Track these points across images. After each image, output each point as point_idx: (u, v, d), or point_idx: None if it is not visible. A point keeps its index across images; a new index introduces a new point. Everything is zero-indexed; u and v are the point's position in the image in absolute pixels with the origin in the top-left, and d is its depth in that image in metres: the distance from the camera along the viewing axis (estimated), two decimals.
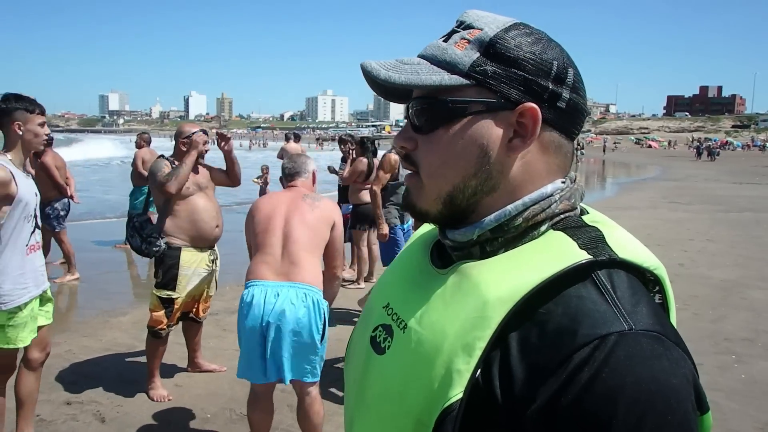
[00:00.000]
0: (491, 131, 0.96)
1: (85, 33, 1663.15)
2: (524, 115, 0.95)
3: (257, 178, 15.89)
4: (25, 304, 3.71)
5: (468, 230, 0.99)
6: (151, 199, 11.56)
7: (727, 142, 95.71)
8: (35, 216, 3.81)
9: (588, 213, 1.04)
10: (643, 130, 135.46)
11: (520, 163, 0.97)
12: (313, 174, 4.15)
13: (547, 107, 0.95)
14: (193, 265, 4.87)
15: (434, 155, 0.98)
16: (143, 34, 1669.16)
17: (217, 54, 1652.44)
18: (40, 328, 3.89)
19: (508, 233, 0.97)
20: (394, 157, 6.76)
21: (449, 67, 0.96)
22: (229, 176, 5.25)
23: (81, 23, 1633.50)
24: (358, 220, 8.33)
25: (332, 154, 38.37)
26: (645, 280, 0.94)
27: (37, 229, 3.84)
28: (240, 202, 16.62)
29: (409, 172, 1.04)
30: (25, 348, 3.89)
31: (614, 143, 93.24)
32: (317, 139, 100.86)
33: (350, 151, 9.01)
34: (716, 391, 5.11)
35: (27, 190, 3.70)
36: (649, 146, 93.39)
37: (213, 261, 5.05)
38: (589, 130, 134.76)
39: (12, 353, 3.83)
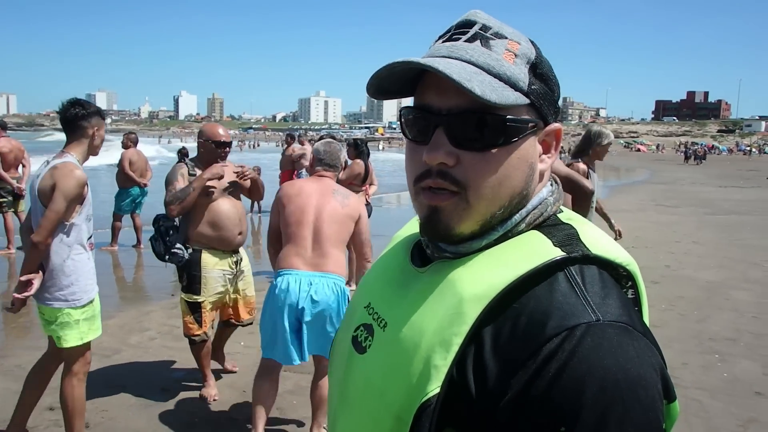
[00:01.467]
0: (535, 149, 1.00)
1: (72, 30, 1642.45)
2: (550, 133, 1.01)
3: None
4: (95, 298, 3.95)
5: (475, 243, 1.00)
6: (139, 200, 11.49)
7: (713, 146, 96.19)
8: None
9: (562, 211, 1.06)
10: (632, 134, 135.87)
11: (536, 174, 1.02)
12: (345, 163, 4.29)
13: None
14: (215, 267, 4.81)
15: (491, 174, 0.95)
16: (132, 31, 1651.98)
17: (208, 53, 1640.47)
18: None
19: (506, 238, 0.99)
20: None
21: (511, 83, 0.94)
22: (251, 193, 5.33)
23: (68, 20, 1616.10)
24: None
25: None
26: (618, 275, 0.97)
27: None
28: None
29: (442, 190, 0.96)
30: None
31: None
32: (310, 140, 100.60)
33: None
34: (700, 390, 5.17)
35: (89, 189, 3.86)
36: (638, 150, 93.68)
37: (236, 263, 4.96)
38: (579, 134, 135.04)
39: (87, 347, 3.98)
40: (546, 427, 0.81)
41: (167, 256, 4.76)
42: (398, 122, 1.03)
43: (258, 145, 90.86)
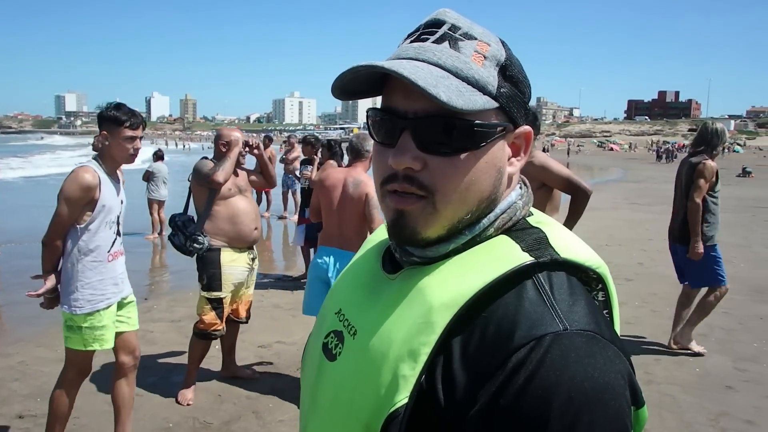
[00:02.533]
0: (504, 153, 0.99)
1: (40, 30, 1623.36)
2: (519, 136, 1.00)
3: None
4: (104, 309, 3.84)
5: (442, 247, 0.98)
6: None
7: (684, 145, 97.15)
8: (118, 223, 3.92)
9: (532, 214, 1.05)
10: (605, 134, 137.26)
11: (504, 178, 1.00)
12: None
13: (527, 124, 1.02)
14: (233, 263, 5.01)
15: (458, 179, 0.93)
16: (102, 32, 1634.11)
17: (180, 54, 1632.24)
18: (120, 333, 4.02)
19: (475, 243, 0.98)
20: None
21: (479, 86, 0.92)
22: (264, 177, 5.60)
23: (36, 19, 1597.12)
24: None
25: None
26: (588, 278, 0.96)
27: (119, 237, 3.95)
28: None
29: (409, 194, 0.95)
30: (115, 354, 4.12)
31: (578, 146, 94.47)
32: (284, 142, 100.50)
33: (316, 154, 9.01)
34: (673, 385, 5.25)
35: (110, 195, 3.80)
36: (611, 149, 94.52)
37: (252, 260, 5.21)
38: (553, 133, 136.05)
39: (89, 355, 3.96)
40: None
41: (188, 244, 4.92)
42: (366, 123, 1.01)
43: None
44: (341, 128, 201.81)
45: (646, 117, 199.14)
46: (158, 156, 13.24)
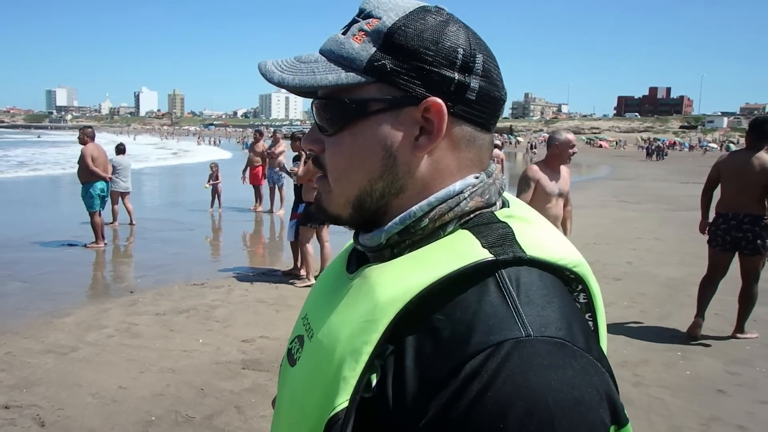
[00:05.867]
0: (395, 130, 0.90)
1: (31, 26, 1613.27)
2: (429, 110, 0.88)
3: (207, 183, 16.01)
4: None
5: (376, 234, 0.94)
6: (104, 195, 11.58)
7: (675, 142, 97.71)
8: None
9: (509, 206, 0.97)
10: (594, 130, 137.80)
11: (429, 161, 0.91)
12: None
13: (455, 100, 0.89)
14: None
15: (339, 158, 0.94)
16: (92, 28, 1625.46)
17: (168, 49, 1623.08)
18: None
19: (415, 235, 0.91)
20: None
21: (346, 63, 0.90)
22: None
23: (26, 15, 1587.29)
24: (308, 218, 8.36)
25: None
26: (567, 279, 0.88)
27: None
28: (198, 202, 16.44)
29: (319, 174, 0.99)
30: None
31: None
32: (271, 136, 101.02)
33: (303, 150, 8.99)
34: (662, 388, 5.20)
35: None
36: (600, 146, 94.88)
37: None
38: (541, 130, 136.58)
39: None
40: None
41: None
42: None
43: (219, 142, 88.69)
44: None
45: (636, 114, 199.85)
46: (120, 150, 13.52)
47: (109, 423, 4.48)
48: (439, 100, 0.88)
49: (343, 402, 0.81)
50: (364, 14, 0.93)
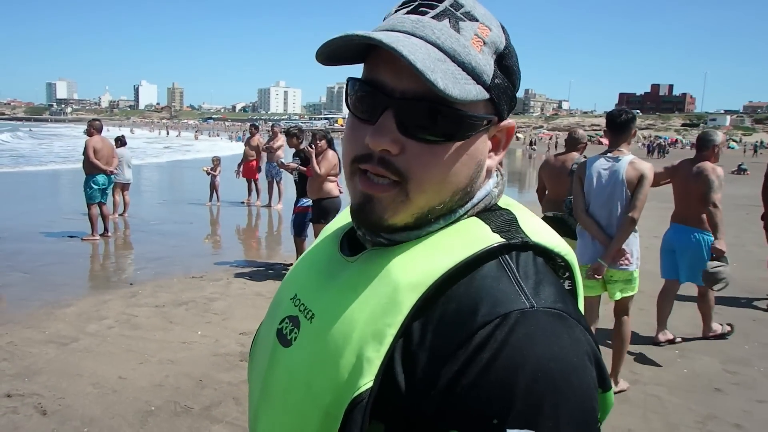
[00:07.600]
0: (486, 146, 0.95)
1: (32, 18, 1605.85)
2: (502, 130, 0.96)
3: (208, 168, 16.04)
4: None
5: (413, 234, 0.94)
6: (106, 189, 11.60)
7: (676, 140, 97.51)
8: None
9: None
10: (595, 127, 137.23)
11: (483, 171, 0.97)
12: None
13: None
14: None
15: (436, 170, 0.88)
16: (92, 21, 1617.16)
17: (168, 43, 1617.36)
18: None
19: (447, 227, 0.95)
20: None
21: (474, 74, 0.87)
22: None
23: (27, 8, 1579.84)
24: (321, 214, 8.19)
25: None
26: (556, 266, 0.95)
27: None
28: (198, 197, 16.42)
29: (381, 178, 0.89)
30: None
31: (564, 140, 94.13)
32: (282, 131, 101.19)
33: (315, 146, 9.00)
34: (659, 386, 5.23)
35: None
36: (600, 143, 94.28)
37: None
38: (541, 127, 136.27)
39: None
40: (478, 419, 0.77)
41: None
42: (352, 104, 0.94)
43: (218, 135, 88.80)
44: (326, 118, 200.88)
45: (638, 111, 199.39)
46: (121, 142, 13.49)
47: (109, 412, 4.50)
48: (514, 123, 0.96)
49: (367, 382, 0.83)
50: (461, 10, 0.89)
